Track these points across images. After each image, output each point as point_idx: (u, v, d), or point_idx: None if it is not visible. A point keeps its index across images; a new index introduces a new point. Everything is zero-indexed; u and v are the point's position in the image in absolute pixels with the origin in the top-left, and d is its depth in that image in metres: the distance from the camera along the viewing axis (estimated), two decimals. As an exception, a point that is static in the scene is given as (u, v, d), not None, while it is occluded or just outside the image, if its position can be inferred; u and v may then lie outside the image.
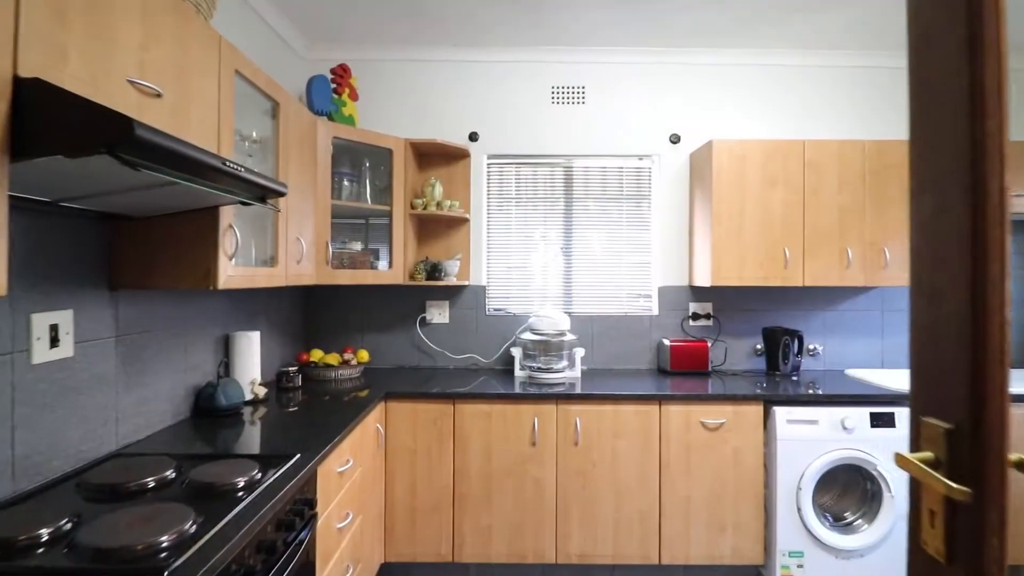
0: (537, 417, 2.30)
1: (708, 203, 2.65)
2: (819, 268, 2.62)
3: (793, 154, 2.61)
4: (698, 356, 2.76)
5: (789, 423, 2.31)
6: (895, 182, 2.62)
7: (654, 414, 2.32)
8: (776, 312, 2.96)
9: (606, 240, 2.99)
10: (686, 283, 2.95)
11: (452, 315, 2.92)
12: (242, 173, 1.24)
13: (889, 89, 2.99)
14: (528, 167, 2.99)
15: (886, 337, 2.99)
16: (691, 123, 2.95)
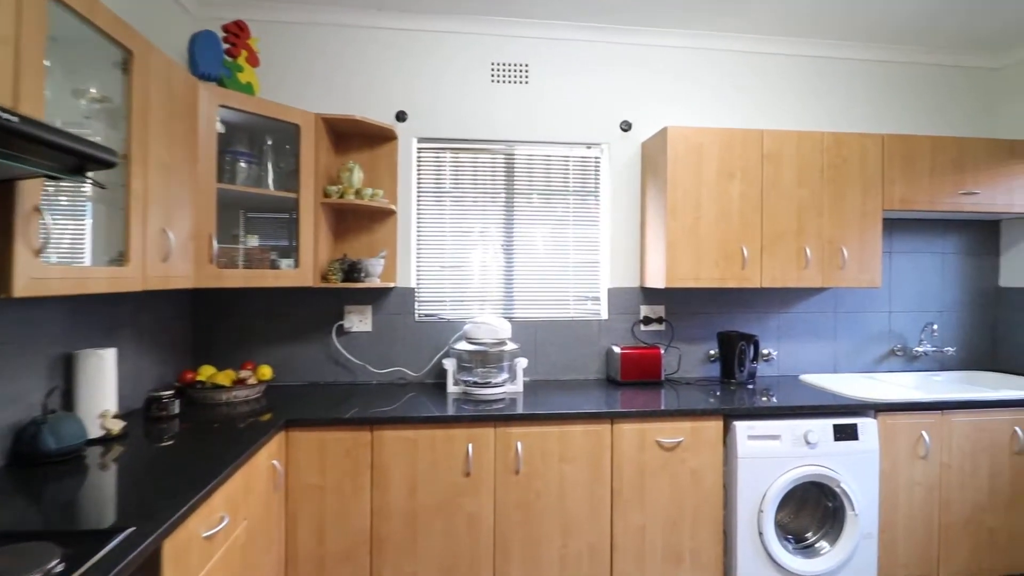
0: (472, 443, 1.96)
1: (662, 196, 2.40)
2: (777, 268, 2.43)
3: (751, 144, 2.40)
4: (651, 364, 2.52)
5: (751, 439, 2.10)
6: (853, 177, 2.48)
7: (605, 434, 2.04)
8: (730, 315, 2.77)
9: (551, 237, 2.70)
10: (637, 284, 2.70)
11: (376, 322, 2.53)
12: (18, 126, 0.83)
13: (848, 80, 2.87)
14: (465, 153, 2.64)
15: (839, 340, 2.87)
16: (643, 110, 2.70)
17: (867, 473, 2.16)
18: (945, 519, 2.27)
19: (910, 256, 2.92)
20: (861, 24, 2.60)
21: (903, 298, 2.92)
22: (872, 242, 2.50)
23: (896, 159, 2.51)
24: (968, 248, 2.98)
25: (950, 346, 2.95)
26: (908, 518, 2.24)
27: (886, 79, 2.90)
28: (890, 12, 2.49)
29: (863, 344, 2.89)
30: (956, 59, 2.93)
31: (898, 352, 2.91)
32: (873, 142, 2.49)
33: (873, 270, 2.51)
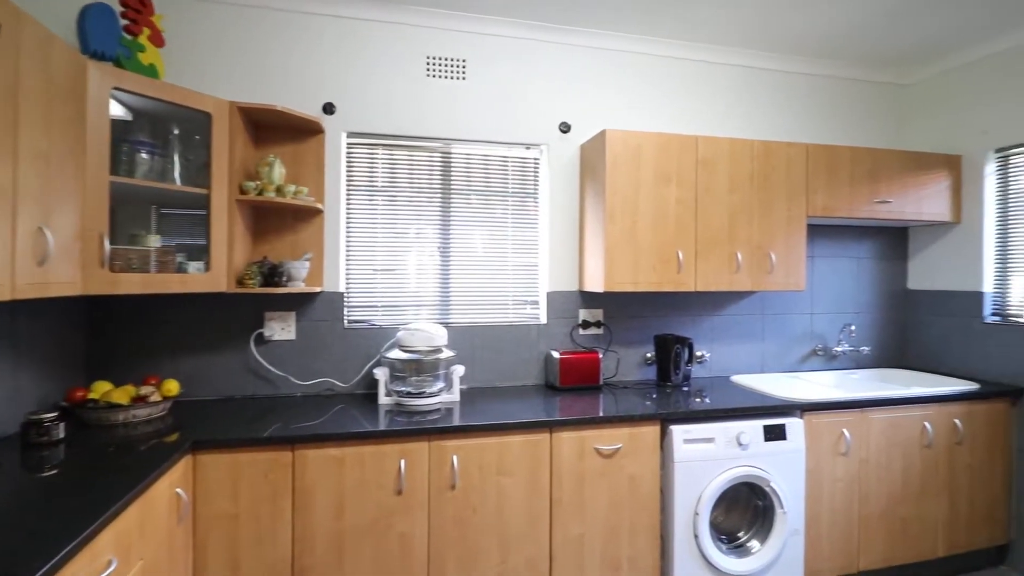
0: (404, 459, 1.85)
1: (601, 199, 2.38)
2: (711, 272, 2.47)
3: (687, 150, 2.43)
4: (589, 369, 2.49)
5: (687, 443, 2.11)
6: (780, 184, 2.56)
7: (544, 444, 1.98)
8: (666, 318, 2.80)
9: (490, 239, 2.62)
10: (576, 288, 2.67)
11: (300, 330, 2.35)
12: None
13: (774, 91, 2.97)
14: (399, 150, 2.51)
15: (766, 341, 2.97)
16: (582, 112, 2.68)
17: (794, 471, 2.23)
18: (863, 512, 2.38)
19: (829, 260, 3.07)
20: (784, 37, 2.70)
21: (823, 300, 3.07)
22: (797, 247, 2.60)
23: (819, 168, 2.62)
24: (880, 253, 3.17)
25: (865, 345, 3.13)
26: (831, 513, 2.34)
27: (809, 91, 3.04)
28: (810, 27, 2.59)
29: (788, 345, 3.01)
30: (871, 75, 3.11)
31: (819, 352, 3.06)
32: (798, 151, 2.58)
33: (798, 274, 2.61)
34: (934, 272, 3.06)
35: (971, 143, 2.86)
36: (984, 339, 2.79)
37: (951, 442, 2.51)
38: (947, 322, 2.97)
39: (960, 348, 2.90)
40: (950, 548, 2.52)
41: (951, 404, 2.50)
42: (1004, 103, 2.70)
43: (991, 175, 2.80)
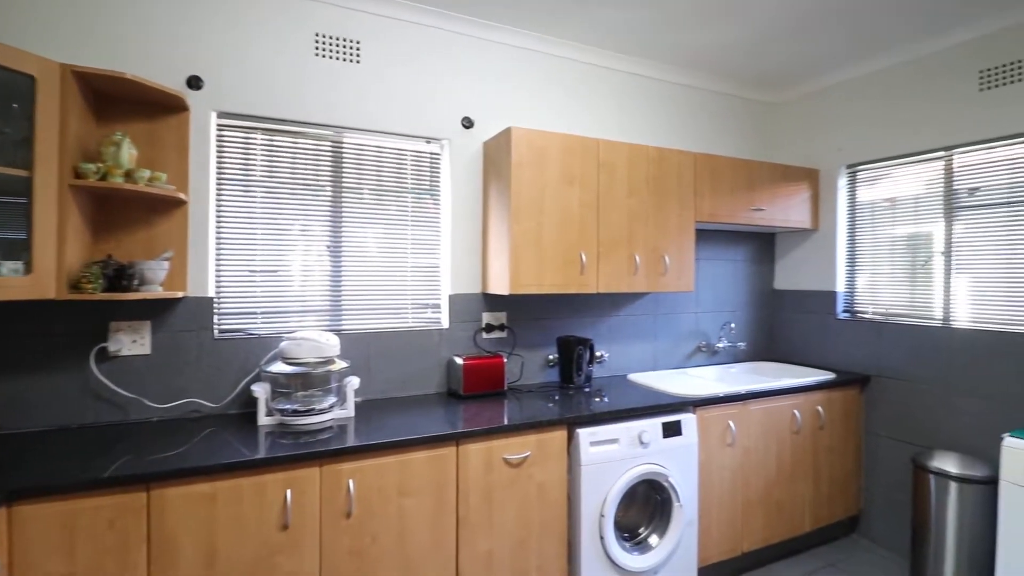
0: (291, 488, 1.62)
1: (506, 199, 2.30)
2: (612, 274, 2.50)
3: (589, 153, 2.43)
4: (494, 374, 2.41)
5: (593, 446, 2.10)
6: (672, 190, 2.67)
7: (451, 458, 1.86)
8: (568, 320, 2.80)
9: (387, 238, 2.42)
10: (479, 290, 2.57)
11: (157, 342, 1.99)
12: None
13: (666, 100, 3.10)
14: (281, 136, 2.23)
15: (658, 340, 3.10)
16: (486, 108, 2.58)
17: (689, 465, 2.33)
18: (746, 497, 2.56)
19: (711, 263, 3.29)
20: (678, 51, 2.82)
21: (706, 300, 3.27)
22: (688, 250, 2.73)
23: (705, 176, 2.77)
24: (752, 256, 3.46)
25: (742, 341, 3.40)
26: (719, 501, 2.48)
27: (697, 103, 3.22)
28: (701, 44, 2.73)
29: (676, 342, 3.16)
30: (748, 92, 3.38)
31: (703, 348, 3.26)
32: (687, 159, 2.71)
33: (688, 276, 2.74)
34: (796, 274, 3.40)
35: (827, 159, 3.21)
36: (837, 333, 3.15)
37: (815, 427, 2.79)
38: (807, 318, 3.32)
39: (818, 341, 3.25)
40: (815, 522, 2.81)
41: (814, 392, 2.78)
42: (853, 125, 3.07)
43: (843, 188, 3.17)
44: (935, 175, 2.75)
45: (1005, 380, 2.42)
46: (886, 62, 2.87)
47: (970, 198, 2.62)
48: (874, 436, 2.95)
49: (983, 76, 2.50)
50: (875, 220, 3.05)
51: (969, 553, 2.34)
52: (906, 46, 2.73)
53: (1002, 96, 2.44)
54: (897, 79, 2.85)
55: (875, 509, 2.95)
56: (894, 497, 2.85)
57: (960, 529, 2.36)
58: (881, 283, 3.01)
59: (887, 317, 2.95)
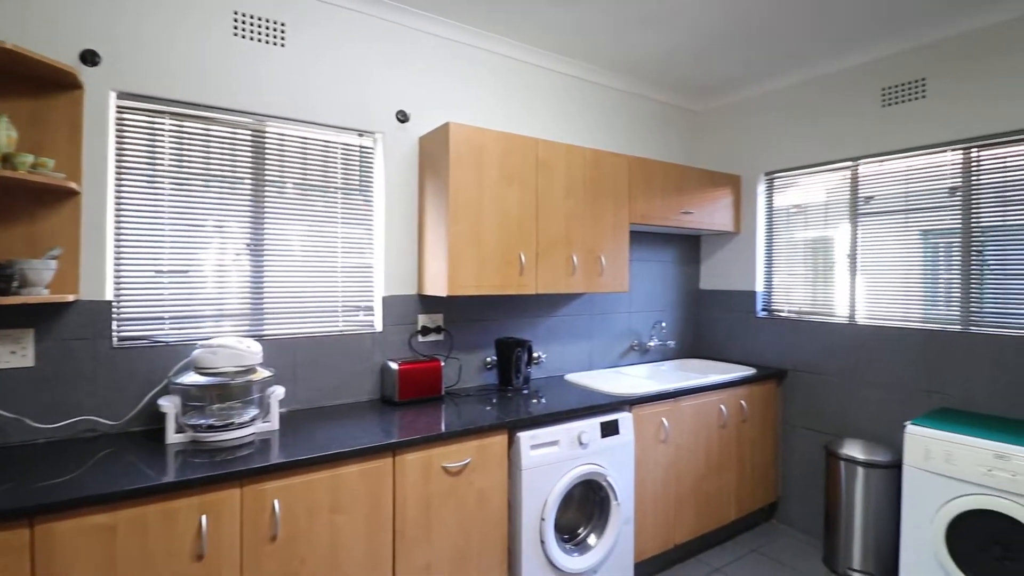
0: (206, 513, 1.46)
1: (443, 197, 2.22)
2: (550, 275, 2.49)
3: (528, 152, 2.40)
4: (431, 379, 2.32)
5: (533, 449, 2.08)
6: (608, 192, 2.70)
7: (387, 470, 1.76)
8: (506, 321, 2.76)
9: (315, 237, 2.27)
10: (415, 292, 2.47)
11: (43, 353, 1.73)
12: None
13: (601, 103, 3.14)
14: (193, 122, 2.02)
15: (593, 339, 3.13)
16: (422, 101, 2.48)
17: (626, 463, 2.36)
18: (678, 492, 2.64)
19: (642, 264, 3.37)
20: (615, 56, 2.86)
21: (639, 300, 3.35)
22: (622, 252, 2.77)
23: (638, 179, 2.83)
24: (680, 258, 3.59)
25: (671, 339, 3.52)
26: (653, 497, 2.53)
27: (633, 108, 3.29)
28: (637, 52, 2.78)
29: (611, 342, 3.22)
30: (678, 100, 3.49)
31: (635, 347, 3.33)
32: (622, 162, 2.75)
33: (623, 277, 2.78)
34: (720, 274, 3.56)
35: (748, 166, 3.39)
36: (757, 330, 3.33)
37: (739, 420, 2.93)
38: (730, 317, 3.49)
39: (740, 338, 3.42)
40: (740, 511, 2.95)
41: (738, 387, 2.91)
42: (771, 135, 3.25)
43: (762, 193, 3.35)
44: (842, 183, 2.97)
45: (904, 372, 2.65)
46: (800, 77, 3.06)
47: (867, 205, 2.85)
48: (790, 427, 3.15)
49: (885, 93, 2.73)
50: (790, 224, 3.25)
51: (875, 531, 2.54)
52: (817, 63, 2.93)
53: (901, 112, 2.67)
54: (810, 94, 3.05)
55: (791, 495, 3.15)
56: (808, 483, 3.05)
57: (867, 510, 2.55)
58: (795, 283, 3.21)
59: (800, 315, 3.15)
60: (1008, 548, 1.96)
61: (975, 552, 2.04)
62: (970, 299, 2.48)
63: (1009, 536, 1.95)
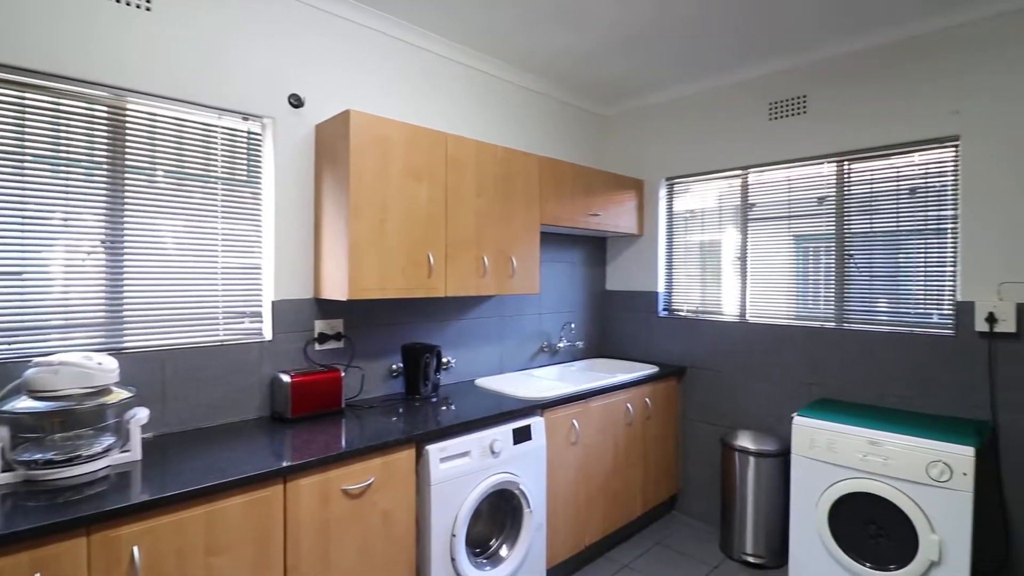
0: (40, 572, 1.18)
1: (343, 192, 2.03)
2: (460, 276, 2.38)
3: (437, 147, 2.28)
4: (329, 391, 2.12)
5: (443, 462, 1.96)
6: (519, 191, 2.64)
7: (276, 499, 1.55)
8: (413, 325, 2.61)
9: (190, 234, 1.98)
10: (311, 295, 2.25)
11: None
12: None
13: (510, 100, 3.08)
14: (34, 94, 1.66)
15: (504, 342, 3.07)
16: (319, 86, 2.26)
17: (538, 469, 2.32)
18: (588, 493, 2.64)
19: (552, 265, 3.37)
20: (527, 55, 2.81)
21: (548, 301, 3.34)
22: (533, 253, 2.73)
23: (548, 180, 2.81)
24: (587, 259, 3.64)
25: (580, 340, 3.55)
26: (564, 500, 2.52)
27: (544, 108, 3.26)
28: (544, 50, 2.75)
29: (521, 344, 3.17)
30: (587, 103, 3.53)
31: (545, 349, 3.32)
32: (533, 162, 2.71)
33: (534, 278, 2.74)
34: (625, 276, 3.66)
35: (651, 171, 3.50)
36: (659, 329, 3.45)
37: (644, 417, 3.01)
38: (634, 317, 3.59)
39: (644, 337, 3.53)
40: (645, 506, 3.03)
41: (644, 385, 2.99)
42: (672, 142, 3.39)
43: (663, 198, 3.49)
44: (734, 190, 3.16)
45: (788, 366, 2.86)
46: (699, 88, 3.21)
47: (754, 211, 3.05)
48: (689, 421, 3.30)
49: (772, 108, 2.93)
50: (688, 227, 3.40)
51: (766, 517, 2.71)
52: (714, 75, 3.09)
53: (785, 126, 2.88)
54: (708, 104, 3.21)
55: (691, 486, 3.30)
56: (706, 474, 3.21)
57: (758, 497, 2.72)
58: (693, 284, 3.37)
59: (697, 314, 3.31)
60: (881, 526, 2.16)
61: (854, 531, 2.23)
62: (843, 299, 2.73)
63: (881, 515, 2.15)
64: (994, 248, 2.27)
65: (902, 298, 2.56)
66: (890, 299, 2.59)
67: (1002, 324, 2.22)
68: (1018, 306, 2.20)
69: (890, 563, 2.13)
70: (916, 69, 2.47)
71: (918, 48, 2.46)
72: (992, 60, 2.27)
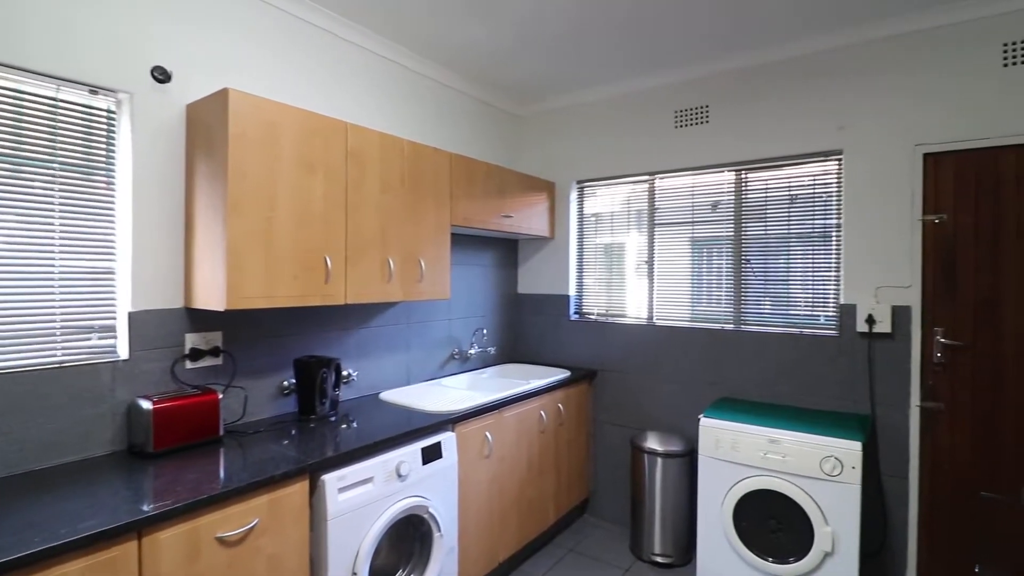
0: None
1: (220, 184, 1.74)
2: (362, 282, 2.16)
3: (335, 137, 2.04)
4: (203, 417, 1.81)
5: (342, 492, 1.74)
6: (428, 190, 2.46)
7: (129, 559, 1.26)
8: (307, 336, 2.34)
9: (16, 231, 1.58)
10: (181, 304, 1.91)
11: None
12: None
13: (424, 94, 2.88)
14: None
15: (411, 351, 2.87)
16: (192, 59, 1.93)
17: (449, 489, 2.16)
18: (501, 507, 2.53)
19: (463, 268, 3.22)
20: (434, 45, 2.63)
21: (459, 306, 3.19)
22: (444, 255, 2.57)
23: (461, 179, 2.66)
24: (499, 262, 3.53)
25: (492, 346, 3.43)
26: (477, 518, 2.38)
27: (455, 103, 3.09)
28: (456, 42, 2.60)
29: (430, 351, 2.99)
30: (497, 100, 3.41)
31: (456, 355, 3.17)
32: (444, 158, 2.55)
33: (444, 282, 2.58)
34: (536, 279, 3.60)
35: (562, 173, 3.47)
36: (570, 333, 3.43)
37: (557, 424, 2.95)
38: (545, 320, 3.54)
39: (554, 341, 3.49)
40: (558, 513, 2.98)
41: (557, 391, 2.94)
42: (583, 145, 3.37)
43: (574, 201, 3.47)
44: (642, 195, 3.21)
45: (692, 367, 2.94)
46: (610, 92, 3.22)
47: (661, 216, 3.12)
48: (600, 424, 3.30)
49: (677, 116, 3.00)
50: (598, 231, 3.41)
51: (673, 517, 2.76)
52: (623, 81, 3.11)
53: (690, 134, 2.96)
54: (619, 108, 3.23)
55: (601, 489, 3.30)
56: (616, 476, 3.23)
57: (665, 497, 2.77)
58: (602, 287, 3.38)
59: (607, 317, 3.33)
60: (780, 521, 2.25)
61: (756, 527, 2.31)
62: (741, 301, 2.85)
63: (781, 510, 2.25)
64: (871, 255, 2.46)
65: (793, 301, 2.71)
66: (783, 302, 2.74)
67: (880, 325, 2.41)
68: (893, 308, 2.40)
69: (789, 556, 2.22)
70: (807, 86, 2.62)
71: (809, 66, 2.62)
72: (872, 83, 2.46)
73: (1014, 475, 2.18)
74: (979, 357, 2.25)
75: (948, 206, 2.31)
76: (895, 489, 2.40)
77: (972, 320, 2.26)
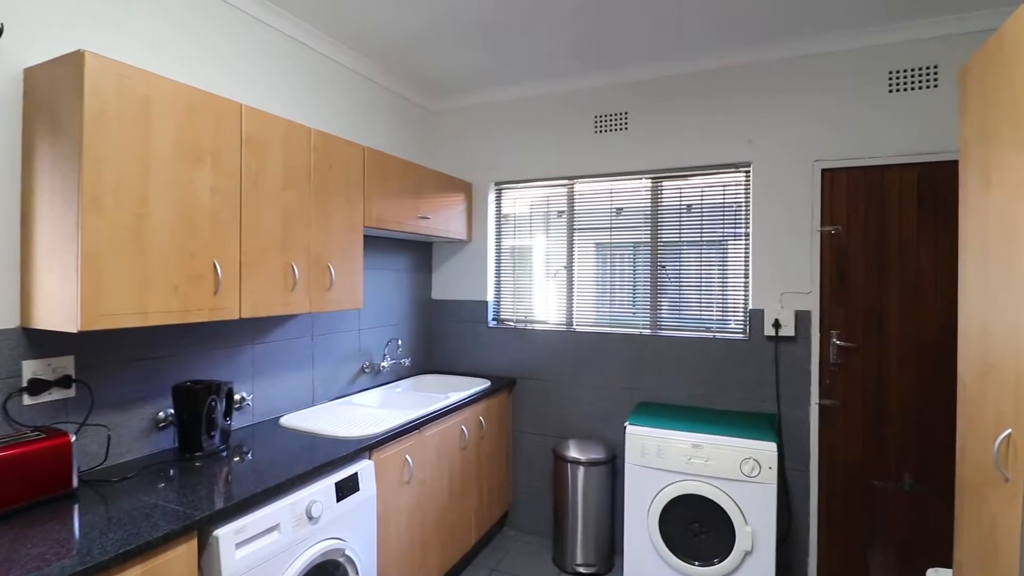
0: None
1: (72, 173, 1.36)
2: (260, 292, 1.85)
3: (228, 120, 1.72)
4: (49, 466, 1.42)
5: (240, 547, 1.45)
6: (339, 187, 2.20)
7: None
8: (189, 356, 1.97)
9: None
10: (16, 324, 1.49)
11: None
12: None
13: (334, 82, 2.58)
14: None
15: (316, 366, 2.56)
16: (30, 9, 1.51)
17: (367, 524, 1.92)
18: (422, 535, 2.33)
19: (375, 273, 2.95)
20: (343, 24, 2.35)
21: (370, 315, 2.92)
22: (356, 260, 2.31)
23: (375, 176, 2.41)
24: (412, 266, 3.30)
25: (406, 357, 3.19)
26: (398, 550, 2.16)
27: (367, 94, 2.82)
28: (368, 24, 2.34)
29: (337, 366, 2.70)
30: (412, 94, 3.17)
31: (367, 369, 2.90)
32: (356, 153, 2.29)
33: (356, 290, 2.32)
34: (452, 284, 3.42)
35: (479, 174, 3.32)
36: (488, 340, 3.29)
37: (479, 438, 2.80)
38: (462, 328, 3.37)
39: (472, 349, 3.33)
40: (479, 532, 2.82)
41: (478, 403, 2.78)
42: (501, 146, 3.25)
43: (492, 203, 3.33)
44: (561, 199, 3.16)
45: (611, 372, 2.93)
46: (529, 92, 3.13)
47: (580, 220, 3.09)
48: (520, 433, 3.20)
49: (597, 121, 2.98)
50: (517, 234, 3.31)
51: (596, 526, 2.72)
52: (544, 81, 3.03)
53: (609, 140, 2.96)
54: (537, 109, 3.14)
55: (521, 500, 3.20)
56: (537, 486, 3.15)
57: (587, 506, 2.73)
58: (521, 293, 3.29)
59: (526, 323, 3.24)
60: (703, 524, 2.29)
61: (680, 532, 2.33)
62: (659, 306, 2.89)
63: (704, 513, 2.28)
64: (776, 262, 2.60)
65: (705, 305, 2.80)
66: (696, 307, 2.82)
67: (784, 328, 2.55)
68: (796, 313, 2.54)
69: (714, 558, 2.27)
70: (719, 100, 2.72)
71: (721, 81, 2.71)
72: (775, 101, 2.60)
73: (898, 464, 2.40)
74: (868, 358, 2.45)
75: (843, 218, 2.50)
76: (797, 481, 2.56)
77: (862, 324, 2.46)
